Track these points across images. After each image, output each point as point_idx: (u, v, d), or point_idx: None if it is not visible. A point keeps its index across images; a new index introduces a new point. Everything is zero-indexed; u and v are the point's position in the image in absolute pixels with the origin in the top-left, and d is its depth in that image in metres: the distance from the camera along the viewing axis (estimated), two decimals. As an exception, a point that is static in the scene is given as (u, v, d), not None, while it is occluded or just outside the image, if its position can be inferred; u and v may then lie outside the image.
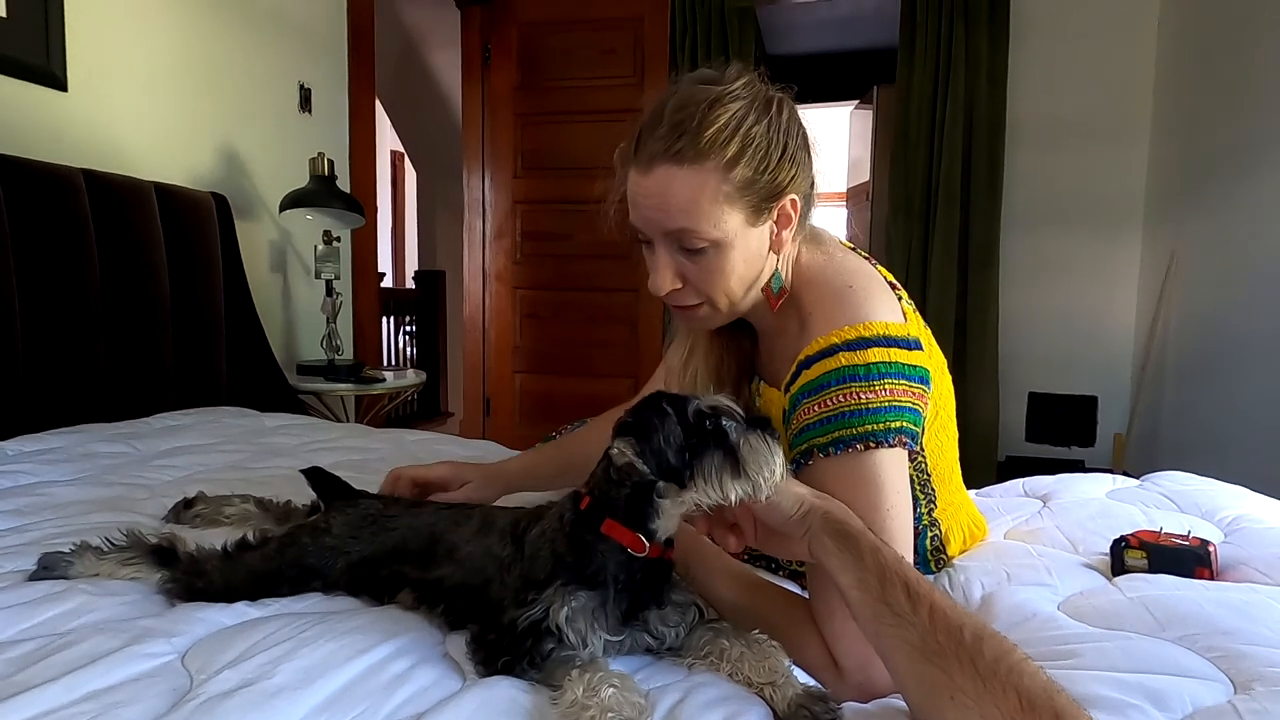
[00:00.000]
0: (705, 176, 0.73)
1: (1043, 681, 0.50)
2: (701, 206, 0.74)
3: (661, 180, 0.75)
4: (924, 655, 0.55)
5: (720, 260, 0.78)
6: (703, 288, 0.80)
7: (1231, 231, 2.36)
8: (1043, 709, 0.48)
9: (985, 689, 0.51)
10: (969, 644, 0.53)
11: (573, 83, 3.40)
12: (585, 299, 3.47)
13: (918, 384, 0.76)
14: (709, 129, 0.73)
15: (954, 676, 0.53)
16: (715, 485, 0.63)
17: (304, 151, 2.44)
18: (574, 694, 0.57)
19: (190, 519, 1.03)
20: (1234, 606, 0.72)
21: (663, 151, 0.74)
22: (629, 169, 0.78)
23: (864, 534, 0.63)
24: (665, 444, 0.63)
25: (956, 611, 0.57)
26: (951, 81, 2.94)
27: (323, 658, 0.64)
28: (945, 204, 2.98)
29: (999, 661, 0.52)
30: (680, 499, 0.65)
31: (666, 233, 0.77)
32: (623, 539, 0.66)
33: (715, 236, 0.76)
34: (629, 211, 0.80)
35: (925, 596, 0.57)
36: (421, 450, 1.52)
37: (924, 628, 0.56)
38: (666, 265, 0.79)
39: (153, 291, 1.86)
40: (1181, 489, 1.17)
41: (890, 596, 0.58)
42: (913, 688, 0.57)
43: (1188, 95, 2.68)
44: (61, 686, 0.59)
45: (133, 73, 2.00)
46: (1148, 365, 2.78)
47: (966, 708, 0.51)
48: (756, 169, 0.75)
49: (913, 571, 0.60)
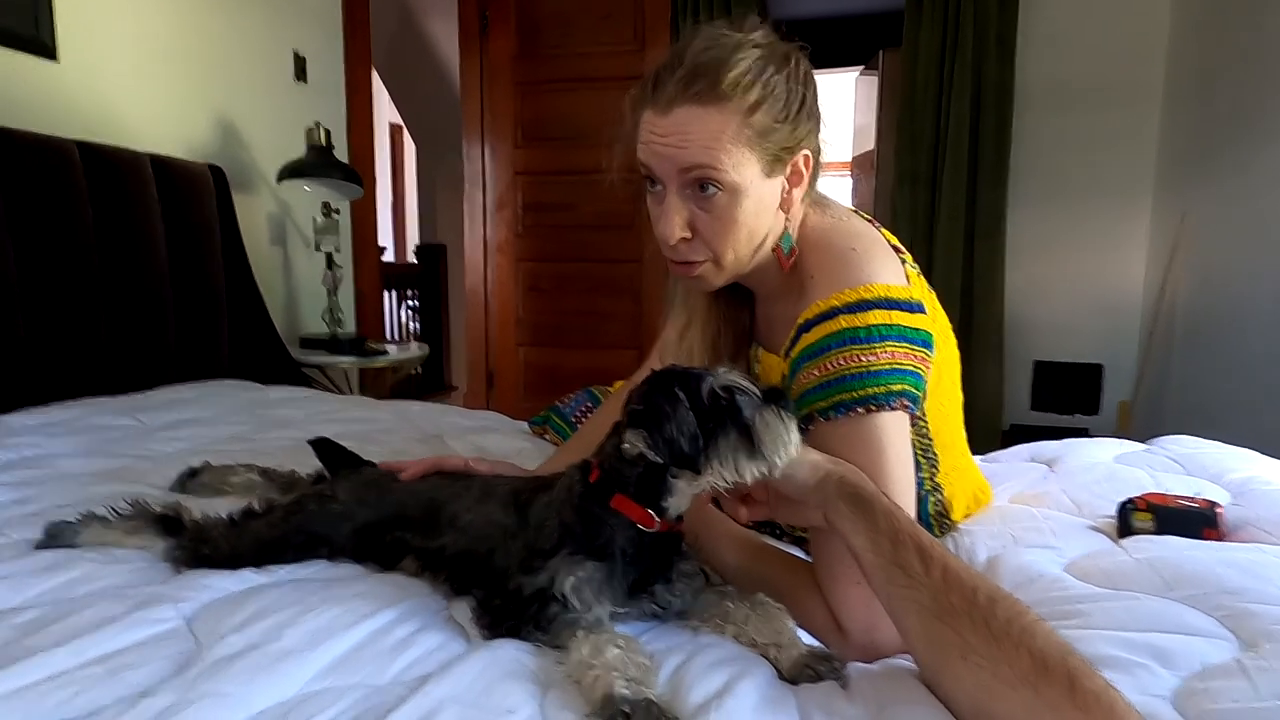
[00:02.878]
0: (727, 118, 0.72)
1: (1057, 643, 0.50)
2: (723, 144, 0.73)
3: (681, 119, 0.73)
4: (936, 615, 0.55)
5: (733, 209, 0.76)
6: (711, 239, 0.78)
7: (1243, 197, 2.32)
8: (1056, 669, 0.48)
9: (999, 649, 0.51)
10: (982, 605, 0.53)
11: (572, 50, 3.34)
12: (588, 270, 3.44)
13: (920, 347, 0.76)
14: (730, 72, 0.72)
15: (966, 636, 0.52)
16: (730, 468, 0.62)
17: (300, 122, 2.41)
18: (579, 654, 0.57)
19: (196, 488, 1.03)
20: (1241, 566, 0.72)
21: (683, 92, 0.72)
22: (643, 111, 0.76)
23: (878, 497, 0.63)
24: (678, 433, 0.62)
25: (970, 574, 0.57)
26: (959, 44, 2.88)
27: (328, 622, 0.64)
28: (952, 171, 2.93)
29: (1012, 623, 0.51)
30: (696, 482, 0.64)
31: (683, 170, 0.75)
32: (633, 514, 0.66)
33: (732, 179, 0.74)
34: (640, 154, 0.77)
35: (939, 559, 0.57)
36: (425, 421, 1.52)
37: (937, 588, 0.55)
38: (678, 210, 0.77)
39: (152, 265, 1.84)
40: (1189, 452, 1.16)
41: (903, 558, 0.58)
42: (924, 648, 0.57)
43: (1201, 57, 2.62)
44: (70, 650, 0.59)
45: (124, 41, 1.96)
46: (1155, 332, 2.76)
47: (979, 667, 0.51)
48: (775, 117, 0.74)
49: (926, 534, 0.60)
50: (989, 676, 0.51)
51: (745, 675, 0.58)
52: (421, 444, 1.32)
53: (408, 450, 1.24)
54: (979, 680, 0.51)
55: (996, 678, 0.50)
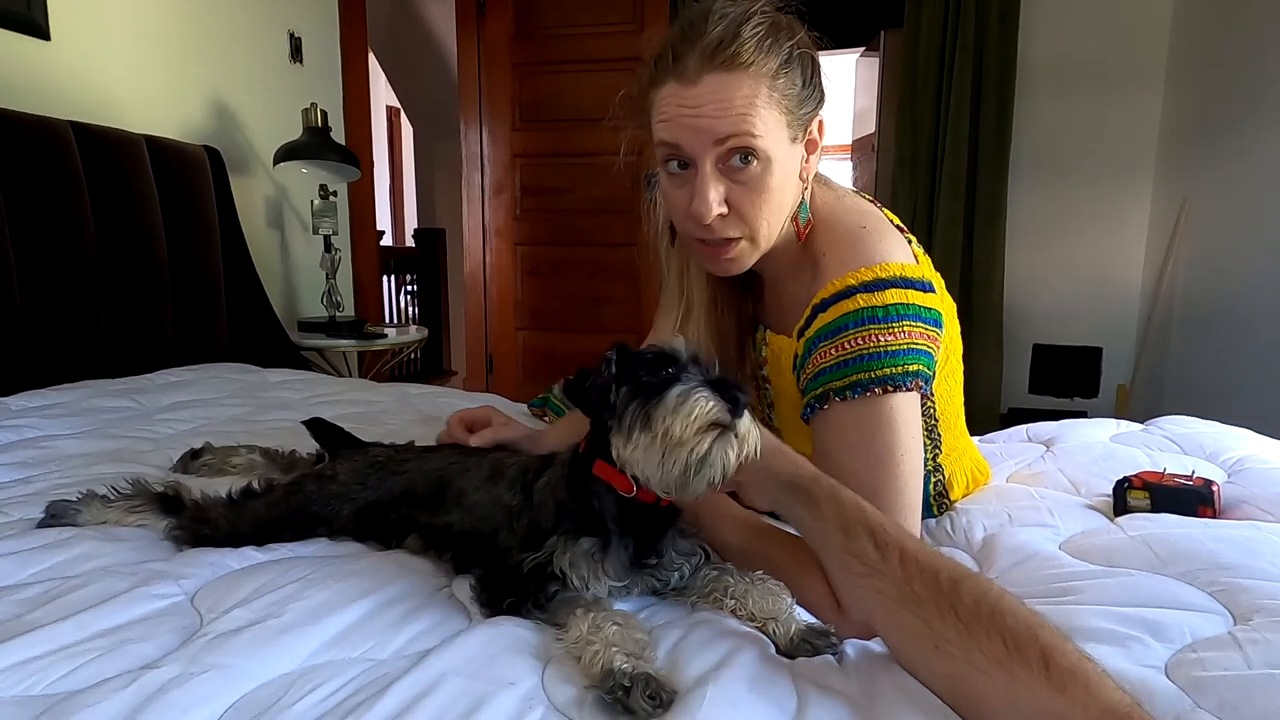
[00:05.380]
0: (758, 82, 0.72)
1: (1025, 619, 0.49)
2: (756, 110, 0.72)
3: (713, 87, 0.72)
4: (901, 604, 0.54)
5: (767, 177, 0.75)
6: (747, 212, 0.76)
7: (1245, 181, 2.31)
8: (1028, 649, 0.47)
9: (969, 635, 0.50)
10: (947, 590, 0.52)
11: (570, 30, 3.30)
12: (586, 254, 3.43)
13: (932, 327, 0.76)
14: (753, 39, 0.71)
15: (934, 625, 0.52)
16: (634, 434, 0.60)
17: (296, 104, 2.39)
18: (578, 631, 0.58)
19: (197, 469, 1.04)
20: (1236, 543, 0.73)
21: (709, 61, 0.71)
22: (662, 87, 0.75)
23: (817, 483, 0.61)
24: (593, 384, 0.63)
25: (929, 556, 0.55)
26: (961, 22, 2.85)
27: (330, 597, 0.65)
28: (952, 153, 2.91)
29: (979, 605, 0.50)
30: (627, 444, 0.61)
31: (718, 141, 0.73)
32: (612, 480, 0.65)
33: (767, 145, 0.73)
34: (663, 134, 0.75)
35: (894, 543, 0.55)
36: (425, 404, 1.52)
37: (897, 575, 0.54)
38: (715, 184, 0.74)
39: (149, 248, 1.84)
40: (1186, 432, 1.16)
41: (857, 548, 0.57)
42: (894, 638, 0.56)
43: (1205, 39, 2.59)
44: (73, 624, 0.60)
45: (117, 20, 1.94)
46: (1154, 315, 2.76)
47: (951, 656, 0.50)
48: (795, 82, 0.74)
49: (876, 516, 0.58)
50: (963, 664, 0.50)
51: (742, 650, 0.59)
52: (421, 425, 1.32)
53: (406, 431, 1.24)
54: (953, 669, 0.51)
55: (970, 665, 0.49)
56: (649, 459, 0.59)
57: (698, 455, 0.58)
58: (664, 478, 0.59)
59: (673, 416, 0.58)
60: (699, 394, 0.59)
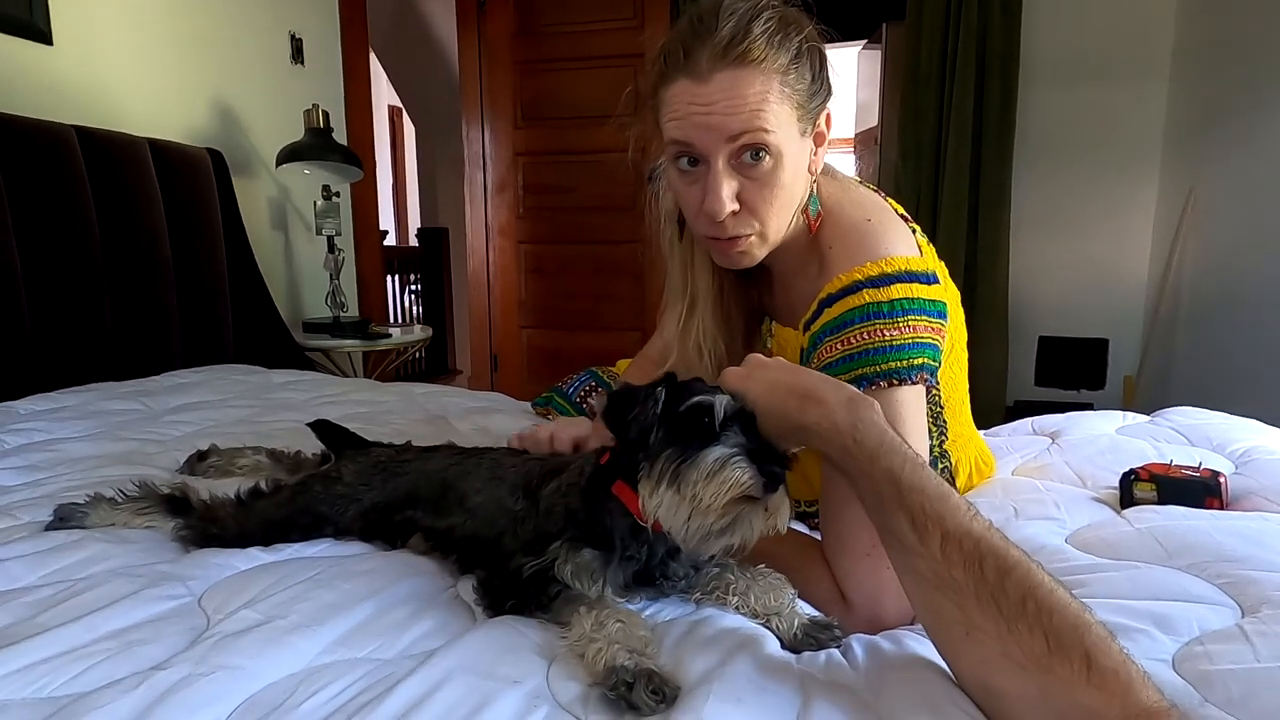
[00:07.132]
0: (769, 78, 0.72)
1: (1072, 619, 0.47)
2: (769, 106, 0.72)
3: (725, 84, 0.72)
4: (936, 588, 0.52)
5: (778, 173, 0.75)
6: (758, 208, 0.77)
7: (1251, 172, 2.29)
8: (1072, 649, 0.45)
9: (1009, 631, 0.48)
10: (991, 581, 0.50)
11: (571, 27, 3.30)
12: (590, 252, 3.43)
13: (937, 319, 0.76)
14: (764, 35, 0.71)
15: (970, 614, 0.50)
16: (661, 485, 0.57)
17: (298, 105, 2.39)
18: (582, 629, 0.58)
19: (204, 470, 1.04)
20: (1243, 535, 0.72)
21: (722, 57, 0.71)
22: (672, 85, 0.75)
23: (880, 452, 0.58)
24: (637, 418, 0.60)
25: (976, 542, 0.52)
26: (964, 15, 2.83)
27: (337, 598, 0.65)
28: (956, 145, 2.90)
29: (1025, 601, 0.48)
30: (653, 492, 0.59)
31: (731, 138, 0.73)
32: (629, 504, 0.64)
33: (779, 141, 0.74)
34: (675, 131, 0.75)
35: (934, 525, 0.53)
36: (430, 403, 1.53)
37: (935, 560, 0.52)
38: (727, 182, 0.75)
39: (154, 250, 1.84)
40: (1193, 424, 1.16)
41: (893, 525, 0.56)
42: (926, 618, 0.55)
43: (1210, 30, 2.57)
44: (82, 626, 0.60)
45: (118, 24, 1.94)
46: (1160, 306, 2.74)
47: (984, 645, 0.49)
48: (804, 76, 0.74)
49: (917, 497, 0.55)
50: (997, 655, 0.48)
51: (746, 645, 0.59)
52: (427, 425, 1.32)
53: (412, 431, 1.24)
54: (985, 657, 0.49)
55: (1006, 657, 0.48)
56: (672, 514, 0.57)
57: (722, 524, 0.57)
58: (683, 533, 0.58)
59: (705, 483, 0.55)
60: (737, 464, 0.56)
